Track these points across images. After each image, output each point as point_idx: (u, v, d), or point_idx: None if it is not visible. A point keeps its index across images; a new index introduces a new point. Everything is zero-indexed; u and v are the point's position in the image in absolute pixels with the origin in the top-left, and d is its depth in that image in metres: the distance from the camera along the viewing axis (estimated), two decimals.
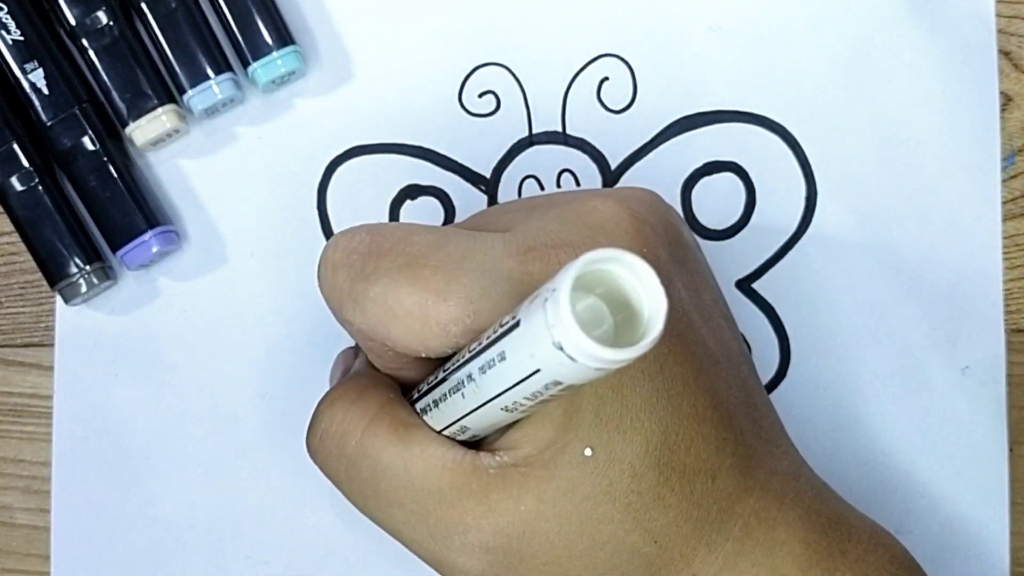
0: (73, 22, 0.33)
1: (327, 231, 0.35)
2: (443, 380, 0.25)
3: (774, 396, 0.34)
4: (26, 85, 0.33)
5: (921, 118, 0.35)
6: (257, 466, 0.35)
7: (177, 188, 0.35)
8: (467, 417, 0.24)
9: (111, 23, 0.33)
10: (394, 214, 0.35)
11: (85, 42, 0.33)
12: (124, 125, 0.34)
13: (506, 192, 0.35)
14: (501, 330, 0.21)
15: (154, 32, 0.34)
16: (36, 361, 0.35)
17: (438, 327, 0.24)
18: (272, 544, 0.34)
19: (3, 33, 0.33)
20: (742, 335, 0.29)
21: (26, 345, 0.35)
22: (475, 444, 0.26)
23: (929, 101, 0.35)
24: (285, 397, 0.35)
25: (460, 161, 0.35)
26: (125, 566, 0.34)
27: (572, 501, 0.25)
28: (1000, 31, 0.35)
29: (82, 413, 0.35)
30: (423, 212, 0.35)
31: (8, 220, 0.34)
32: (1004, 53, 0.35)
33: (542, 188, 0.35)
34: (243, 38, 0.34)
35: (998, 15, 0.35)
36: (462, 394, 0.24)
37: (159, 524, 0.34)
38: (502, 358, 0.21)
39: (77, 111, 0.33)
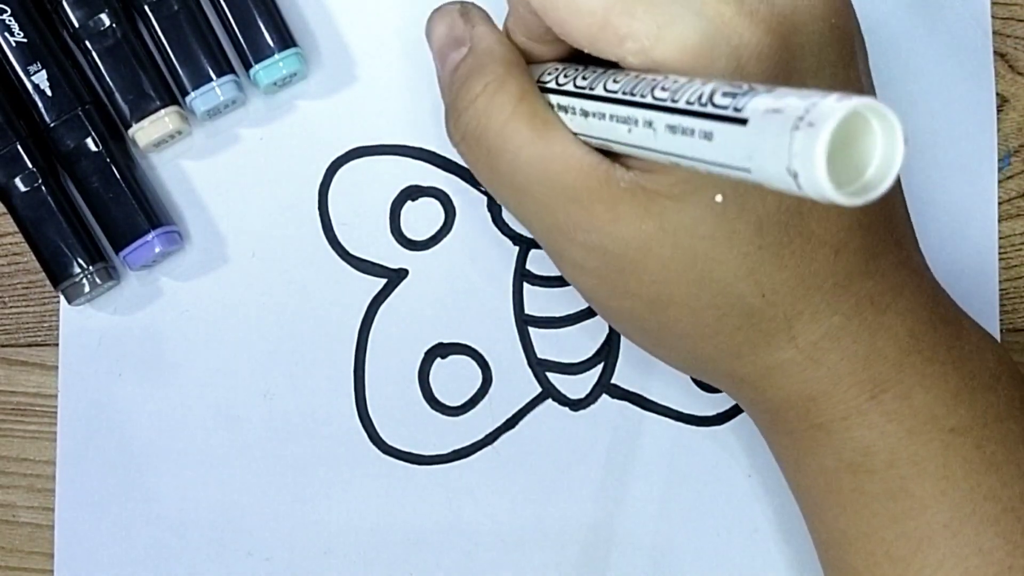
0: (76, 24, 0.33)
1: (328, 232, 0.35)
2: (605, 99, 0.24)
3: None
4: (29, 87, 0.33)
5: (918, 119, 0.35)
6: (259, 464, 0.35)
7: (179, 189, 0.35)
8: (619, 145, 0.24)
9: (114, 25, 0.34)
10: (395, 215, 0.35)
11: (88, 44, 0.34)
12: (127, 126, 0.34)
13: None
14: (713, 109, 0.20)
15: (157, 34, 0.34)
16: (40, 360, 0.35)
17: (615, 38, 0.24)
18: (274, 541, 0.35)
19: (6, 35, 0.33)
20: None
21: (30, 345, 0.35)
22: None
23: (926, 102, 0.35)
24: (286, 396, 0.35)
25: (460, 162, 0.35)
26: (128, 563, 0.35)
27: (692, 236, 0.25)
28: (996, 33, 0.35)
29: (86, 412, 0.35)
30: (423, 213, 0.35)
31: (12, 221, 0.34)
32: (1000, 55, 0.35)
33: None
34: (245, 40, 0.34)
35: (994, 17, 0.35)
36: (629, 129, 0.23)
37: (162, 522, 0.35)
38: (707, 137, 0.20)
39: (80, 113, 0.33)
